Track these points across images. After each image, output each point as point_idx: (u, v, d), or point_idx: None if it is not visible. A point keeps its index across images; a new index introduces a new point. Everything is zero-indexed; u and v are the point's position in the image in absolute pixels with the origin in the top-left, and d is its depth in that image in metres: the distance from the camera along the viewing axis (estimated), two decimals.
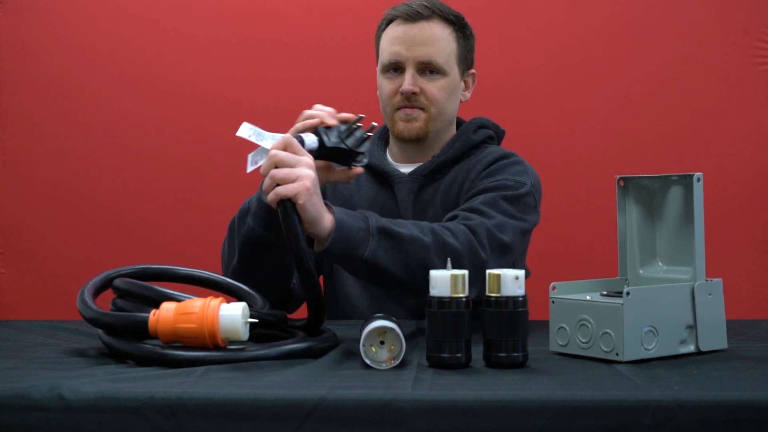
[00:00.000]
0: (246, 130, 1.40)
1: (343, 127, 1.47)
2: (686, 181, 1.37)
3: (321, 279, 1.83)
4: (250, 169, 1.41)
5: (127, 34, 2.62)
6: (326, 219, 1.41)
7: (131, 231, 2.61)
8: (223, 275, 1.65)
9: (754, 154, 2.55)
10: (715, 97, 2.56)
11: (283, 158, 1.37)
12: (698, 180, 1.34)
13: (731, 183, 2.53)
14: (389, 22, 1.81)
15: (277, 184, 1.37)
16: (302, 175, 1.36)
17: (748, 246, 2.54)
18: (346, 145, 1.46)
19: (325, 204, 1.44)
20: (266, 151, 1.40)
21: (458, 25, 1.80)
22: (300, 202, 1.36)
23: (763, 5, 2.56)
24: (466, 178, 1.76)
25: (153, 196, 2.62)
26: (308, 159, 1.39)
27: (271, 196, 1.37)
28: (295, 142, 1.40)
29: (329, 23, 2.62)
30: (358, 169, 1.52)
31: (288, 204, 1.36)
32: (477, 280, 1.37)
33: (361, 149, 1.48)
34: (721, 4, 2.57)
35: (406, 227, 1.48)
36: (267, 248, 1.55)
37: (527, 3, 2.59)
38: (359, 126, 1.48)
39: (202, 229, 2.60)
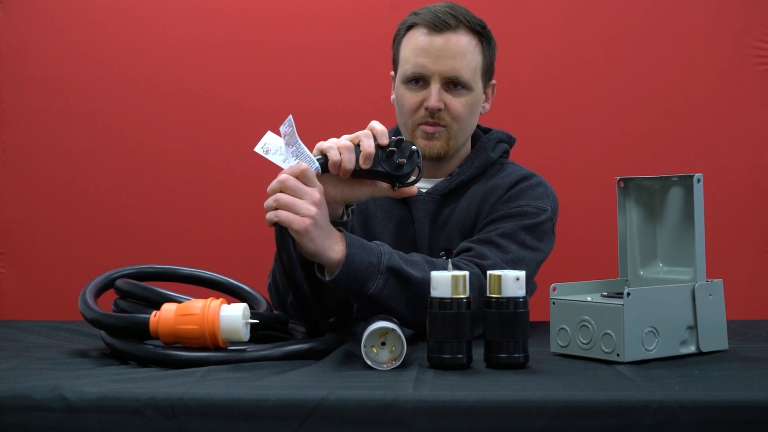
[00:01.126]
0: (285, 127, 1.36)
1: (381, 148, 1.42)
2: (686, 182, 1.37)
3: None
4: (257, 149, 1.38)
5: (128, 34, 2.61)
6: (334, 251, 1.39)
7: (132, 231, 2.60)
8: (283, 310, 1.63)
9: (754, 154, 2.55)
10: (715, 97, 2.56)
11: (292, 186, 1.35)
12: (698, 181, 1.34)
13: (731, 183, 2.52)
14: (410, 27, 1.75)
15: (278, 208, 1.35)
16: (305, 211, 1.34)
17: (749, 246, 2.54)
18: (384, 168, 1.42)
19: (339, 230, 1.42)
20: (281, 150, 1.38)
21: (483, 35, 1.75)
22: (296, 237, 1.35)
23: (763, 5, 2.56)
24: (486, 201, 1.72)
25: (154, 195, 2.61)
26: (316, 193, 1.36)
27: (269, 216, 1.35)
28: (310, 173, 1.36)
29: (331, 23, 2.62)
30: (409, 190, 1.45)
31: (285, 229, 1.35)
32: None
33: (401, 172, 1.42)
34: (721, 4, 2.57)
35: (419, 268, 1.46)
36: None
37: (527, 3, 2.59)
38: (395, 150, 1.42)
39: (204, 229, 2.60)
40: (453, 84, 1.72)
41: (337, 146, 1.40)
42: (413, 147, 1.43)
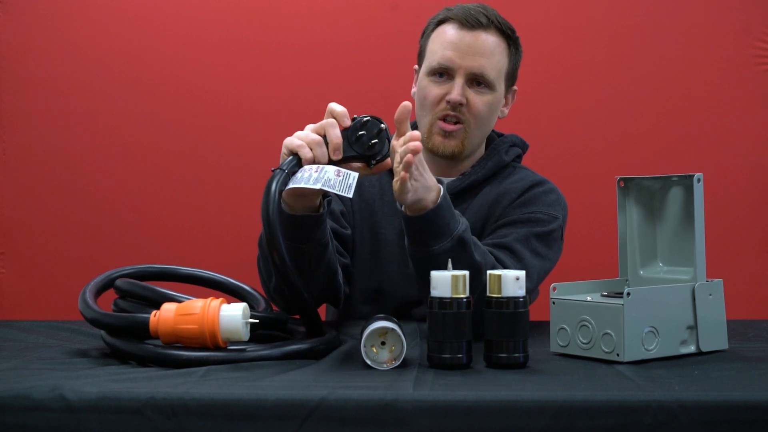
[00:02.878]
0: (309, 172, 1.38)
1: (349, 132, 1.42)
2: (686, 182, 1.37)
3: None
4: (313, 186, 1.36)
5: (128, 34, 2.61)
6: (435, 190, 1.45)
7: (131, 231, 2.60)
8: (266, 294, 1.62)
9: (754, 154, 2.55)
10: (715, 97, 2.56)
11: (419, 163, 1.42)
12: (698, 180, 1.34)
13: (731, 183, 2.53)
14: (441, 22, 1.75)
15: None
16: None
17: (749, 246, 2.54)
18: (356, 151, 1.41)
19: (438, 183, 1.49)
20: (305, 177, 1.37)
21: (512, 39, 1.76)
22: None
23: (763, 5, 2.56)
24: (497, 203, 1.73)
25: (154, 195, 2.61)
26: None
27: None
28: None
29: (331, 23, 2.62)
30: (384, 164, 1.45)
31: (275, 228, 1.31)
32: None
33: (373, 152, 1.42)
34: (721, 4, 2.57)
35: (481, 253, 1.50)
36: (302, 258, 1.49)
37: (527, 3, 2.59)
38: (362, 129, 1.42)
39: (204, 229, 2.60)
40: (477, 81, 1.72)
41: (306, 143, 1.39)
42: (381, 125, 1.43)
